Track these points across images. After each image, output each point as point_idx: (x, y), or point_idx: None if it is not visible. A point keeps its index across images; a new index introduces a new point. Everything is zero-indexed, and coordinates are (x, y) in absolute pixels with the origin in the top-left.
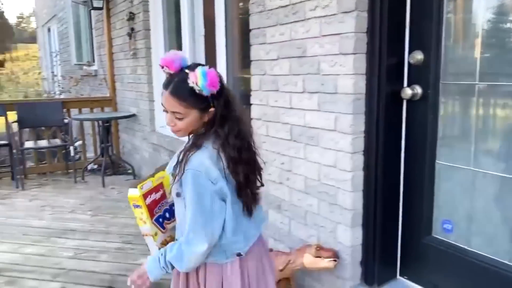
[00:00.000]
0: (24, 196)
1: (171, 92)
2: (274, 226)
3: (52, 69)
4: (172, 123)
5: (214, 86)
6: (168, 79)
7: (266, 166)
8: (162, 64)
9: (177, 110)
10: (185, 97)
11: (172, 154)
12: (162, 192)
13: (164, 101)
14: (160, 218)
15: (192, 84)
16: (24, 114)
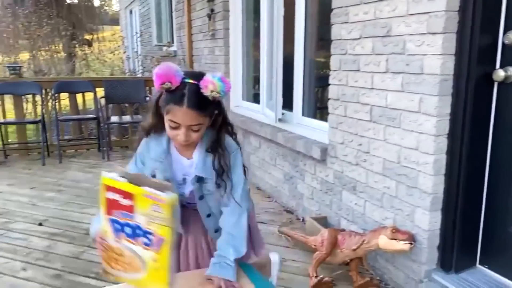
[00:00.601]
0: (109, 166)
1: (189, 106)
2: (347, 207)
3: (136, 49)
4: (187, 137)
5: (229, 89)
6: (177, 95)
7: (342, 147)
8: (162, 79)
9: (197, 122)
10: (205, 107)
11: (246, 133)
12: (130, 204)
13: (181, 117)
14: (117, 224)
15: (210, 92)
16: (110, 91)
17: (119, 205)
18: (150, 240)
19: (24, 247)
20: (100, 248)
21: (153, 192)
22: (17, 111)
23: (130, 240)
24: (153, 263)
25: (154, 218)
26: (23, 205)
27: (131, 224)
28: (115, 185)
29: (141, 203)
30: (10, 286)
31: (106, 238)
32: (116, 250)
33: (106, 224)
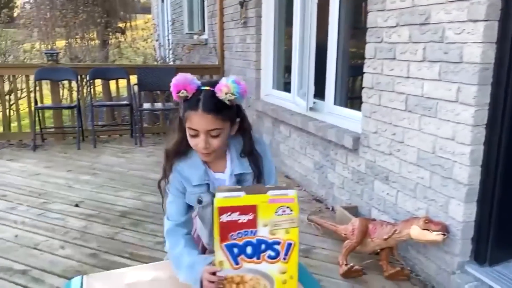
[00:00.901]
0: (141, 152)
1: (204, 109)
2: (379, 197)
3: (168, 37)
4: (207, 144)
5: (246, 92)
6: (192, 101)
7: (375, 137)
8: (178, 88)
9: (214, 127)
10: (220, 110)
11: (276, 122)
12: (251, 219)
13: (197, 123)
14: (235, 248)
15: (225, 95)
16: (143, 78)
17: (237, 224)
18: (276, 250)
19: (62, 226)
20: (215, 278)
21: (280, 193)
22: (54, 97)
23: (253, 260)
24: (281, 275)
25: (280, 223)
26: (60, 187)
27: (252, 242)
28: (232, 203)
29: (264, 212)
30: (49, 263)
31: (221, 269)
32: (235, 278)
33: (222, 253)
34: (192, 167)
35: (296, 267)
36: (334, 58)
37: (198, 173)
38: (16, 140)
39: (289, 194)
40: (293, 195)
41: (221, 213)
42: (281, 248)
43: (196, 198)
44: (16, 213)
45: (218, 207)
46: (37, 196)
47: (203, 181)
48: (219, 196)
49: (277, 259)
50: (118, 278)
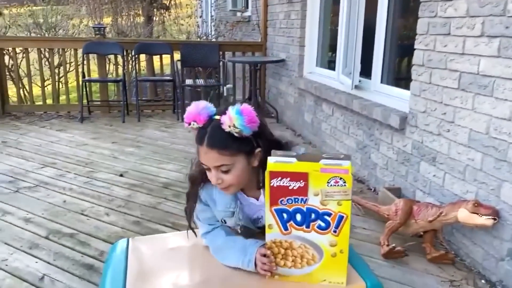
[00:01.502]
0: (183, 127)
1: (208, 145)
2: (424, 178)
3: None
4: (218, 180)
5: (254, 122)
6: (200, 134)
7: (424, 116)
8: (188, 121)
9: (221, 163)
10: (225, 145)
11: (318, 100)
12: (301, 186)
13: (204, 158)
14: (285, 214)
15: (229, 128)
16: (186, 54)
17: (287, 190)
18: (326, 222)
19: (107, 194)
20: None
21: (333, 163)
22: (100, 71)
23: (302, 228)
24: (331, 248)
25: (331, 195)
26: (106, 157)
27: (302, 210)
28: (283, 168)
29: (315, 181)
30: (95, 228)
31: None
32: (284, 244)
33: (271, 217)
34: (222, 194)
35: (347, 242)
36: (382, 35)
37: (225, 200)
38: (64, 112)
39: (343, 165)
40: (347, 166)
41: (271, 177)
42: (331, 220)
43: (220, 219)
44: (64, 180)
45: (269, 171)
46: (84, 165)
47: (227, 208)
48: (271, 160)
49: (327, 230)
50: (162, 242)
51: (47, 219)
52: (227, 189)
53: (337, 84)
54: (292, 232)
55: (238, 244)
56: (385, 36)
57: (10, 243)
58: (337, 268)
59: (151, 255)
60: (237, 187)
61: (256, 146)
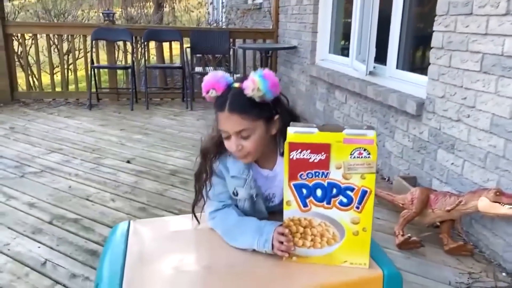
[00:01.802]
0: (192, 115)
1: (230, 109)
2: (442, 166)
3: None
4: (238, 147)
5: (276, 87)
6: (220, 101)
7: (442, 101)
8: (206, 88)
9: (242, 127)
10: (247, 109)
11: (331, 87)
12: (323, 159)
13: (224, 123)
14: (304, 189)
15: (252, 92)
16: (196, 41)
17: (308, 164)
18: (349, 197)
19: (113, 180)
20: (285, 239)
21: (357, 133)
22: (110, 57)
23: (322, 205)
24: (353, 226)
25: (355, 167)
26: (113, 144)
27: (323, 185)
28: (303, 139)
29: (337, 153)
30: (100, 213)
31: (289, 213)
32: (303, 221)
33: (290, 192)
34: (234, 160)
35: (370, 219)
36: (398, 19)
37: (239, 166)
38: (73, 99)
39: (368, 135)
40: (372, 136)
41: (291, 150)
42: (354, 195)
43: (232, 190)
44: (70, 166)
45: (289, 143)
46: (91, 151)
47: (240, 175)
48: (291, 131)
49: (349, 206)
50: (165, 225)
51: (51, 204)
52: (246, 157)
53: (350, 71)
54: (311, 209)
55: (252, 224)
56: (401, 20)
57: (14, 228)
58: (360, 248)
59: (152, 238)
60: (255, 155)
61: (274, 114)
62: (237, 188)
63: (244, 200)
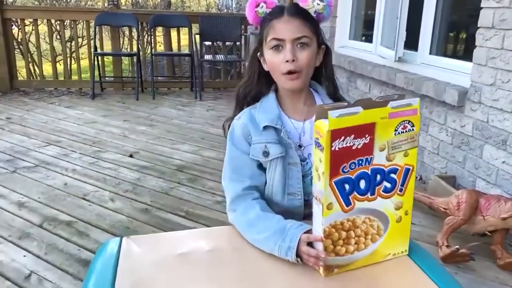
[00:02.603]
0: (201, 106)
1: (290, 13)
2: (489, 165)
3: None
4: (294, 57)
5: (331, 9)
6: (275, 9)
7: (491, 90)
8: (258, 1)
9: (302, 33)
10: (309, 16)
11: (352, 76)
12: (367, 143)
13: (281, 29)
14: (346, 185)
15: (312, 3)
16: (205, 27)
17: (351, 152)
18: (393, 181)
19: (114, 177)
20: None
21: (401, 103)
22: (114, 44)
23: (366, 197)
24: (396, 212)
25: (399, 145)
26: (115, 136)
27: (366, 174)
28: (347, 123)
29: (382, 131)
30: (96, 215)
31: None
32: (345, 224)
33: (331, 193)
34: (264, 111)
35: (411, 200)
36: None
37: (270, 116)
38: (76, 88)
39: (413, 104)
40: (416, 105)
41: (333, 139)
42: (398, 177)
43: (262, 149)
44: (68, 160)
45: (331, 131)
46: (91, 144)
47: (274, 123)
48: (332, 115)
49: (393, 191)
50: (168, 244)
51: (43, 204)
52: (298, 77)
53: (374, 58)
54: (355, 206)
55: (275, 223)
56: None
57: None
58: (401, 235)
59: (148, 260)
60: (305, 78)
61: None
62: (269, 145)
63: (276, 163)
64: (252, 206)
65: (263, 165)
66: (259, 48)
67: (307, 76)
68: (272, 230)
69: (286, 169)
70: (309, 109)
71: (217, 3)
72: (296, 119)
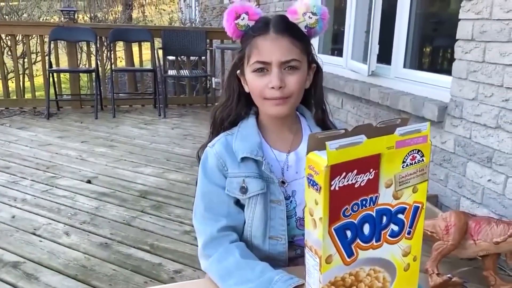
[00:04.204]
0: (165, 123)
1: (278, 30)
2: (474, 183)
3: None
4: (281, 83)
5: (326, 21)
6: (259, 24)
7: (473, 105)
8: (238, 12)
9: (291, 57)
10: (299, 34)
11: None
12: (371, 178)
13: (268, 50)
14: (348, 231)
15: (302, 17)
16: (168, 41)
17: (354, 191)
18: (400, 222)
19: (69, 207)
20: None
21: (410, 130)
22: (71, 59)
23: (371, 245)
24: (404, 259)
25: (407, 179)
26: (72, 159)
27: (371, 216)
28: (348, 156)
29: (388, 163)
30: (48, 253)
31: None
32: (347, 280)
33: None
34: (242, 139)
35: (420, 243)
36: (406, 9)
37: (249, 145)
38: (29, 107)
39: (423, 130)
40: (426, 131)
41: (333, 176)
42: (406, 217)
43: (240, 184)
44: (17, 189)
45: (331, 167)
46: (44, 169)
47: (253, 155)
48: (331, 147)
49: (400, 235)
50: None
51: None
52: (285, 103)
53: (346, 72)
54: (358, 256)
55: (258, 273)
56: (409, 11)
57: None
58: (409, 285)
59: None
60: (294, 103)
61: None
62: (247, 180)
63: (256, 200)
64: (230, 252)
65: (241, 202)
66: (238, 65)
67: (296, 101)
68: (255, 283)
69: (268, 208)
70: (295, 138)
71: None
72: (279, 150)
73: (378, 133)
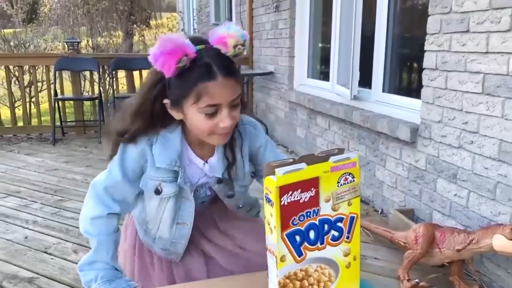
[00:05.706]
0: None
1: (224, 74)
2: (443, 198)
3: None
4: (233, 119)
5: (247, 39)
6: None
7: (439, 127)
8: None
9: (237, 94)
10: (238, 71)
11: (312, 113)
12: (312, 195)
13: (220, 94)
14: (297, 236)
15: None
16: None
17: (298, 205)
18: (339, 229)
19: (77, 227)
20: None
21: (341, 158)
22: (75, 88)
23: (316, 247)
24: (345, 259)
25: (342, 196)
26: (78, 183)
27: (314, 224)
28: (293, 179)
29: (326, 184)
30: (59, 269)
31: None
32: (299, 274)
33: (284, 245)
34: (163, 147)
35: (358, 246)
36: (383, 39)
37: (169, 154)
38: (36, 134)
39: (351, 157)
40: (354, 158)
41: (282, 194)
42: (344, 225)
43: (155, 186)
44: (28, 212)
45: (280, 187)
46: (52, 193)
47: (171, 166)
48: (279, 172)
49: (340, 239)
50: None
51: (2, 261)
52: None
53: (332, 96)
54: (306, 256)
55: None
56: (386, 40)
57: None
58: (352, 280)
59: None
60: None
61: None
62: (163, 184)
63: (168, 198)
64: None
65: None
66: (164, 91)
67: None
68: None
69: (179, 203)
70: (212, 149)
71: None
72: (200, 157)
73: (318, 161)
